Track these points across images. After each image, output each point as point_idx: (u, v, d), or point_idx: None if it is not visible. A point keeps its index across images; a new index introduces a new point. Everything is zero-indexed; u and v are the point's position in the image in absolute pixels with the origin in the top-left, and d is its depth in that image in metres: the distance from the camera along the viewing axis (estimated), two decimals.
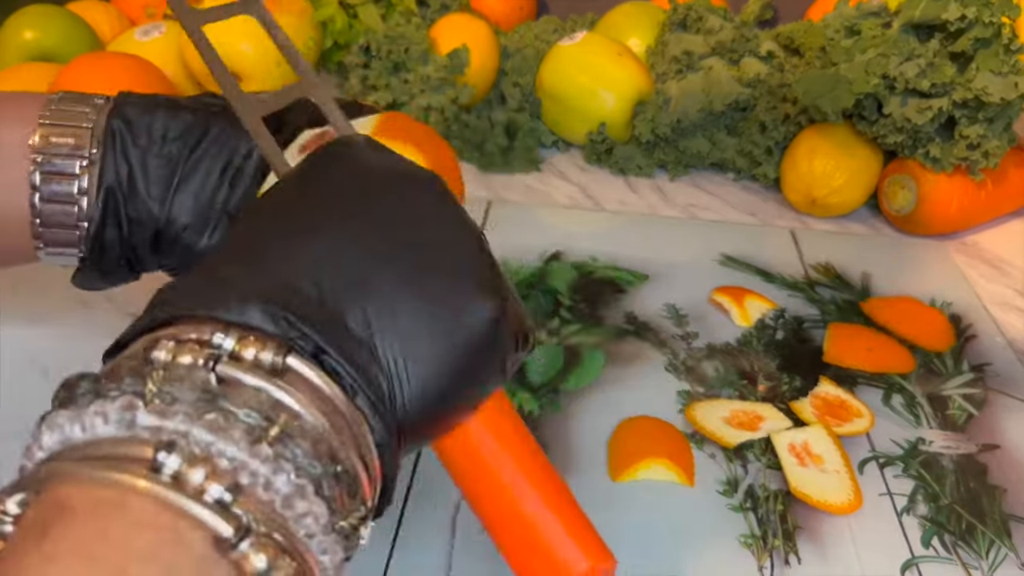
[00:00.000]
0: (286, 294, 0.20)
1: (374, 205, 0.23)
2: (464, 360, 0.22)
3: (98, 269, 0.32)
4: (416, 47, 0.67)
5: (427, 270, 0.22)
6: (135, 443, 0.17)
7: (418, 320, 0.21)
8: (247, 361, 0.19)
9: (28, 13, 0.66)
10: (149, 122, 0.31)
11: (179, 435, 0.17)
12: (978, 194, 0.58)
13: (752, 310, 0.50)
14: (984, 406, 0.44)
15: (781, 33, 0.71)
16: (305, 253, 0.21)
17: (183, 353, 0.19)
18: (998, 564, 0.36)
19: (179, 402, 0.18)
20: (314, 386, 0.20)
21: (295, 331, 0.20)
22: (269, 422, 0.18)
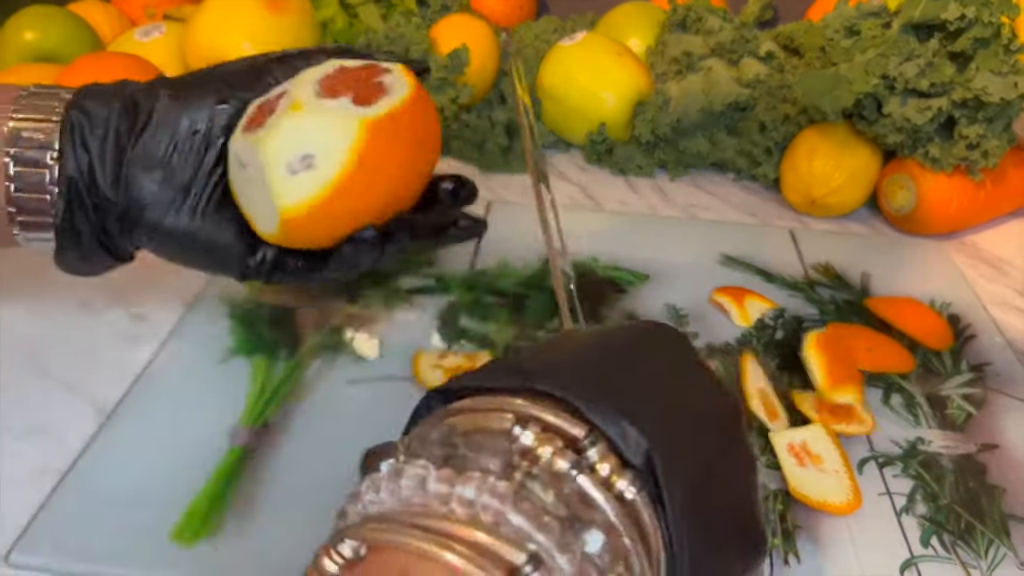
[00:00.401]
0: (643, 425, 0.20)
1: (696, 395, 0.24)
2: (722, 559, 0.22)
3: (77, 253, 0.33)
4: (416, 47, 0.67)
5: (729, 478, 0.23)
6: (503, 541, 0.17)
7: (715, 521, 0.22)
8: (600, 477, 0.19)
9: (29, 14, 0.66)
10: (106, 113, 0.32)
11: (544, 551, 0.17)
12: (977, 194, 0.58)
13: (752, 310, 0.50)
14: (983, 406, 0.44)
15: (781, 33, 0.71)
16: (657, 406, 0.22)
17: (547, 444, 0.19)
18: (997, 564, 0.36)
19: (547, 513, 0.17)
20: (644, 527, 0.20)
21: (647, 466, 0.20)
22: (613, 566, 0.18)
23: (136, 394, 0.41)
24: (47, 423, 0.40)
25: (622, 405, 0.20)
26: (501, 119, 0.67)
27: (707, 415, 0.24)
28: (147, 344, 0.45)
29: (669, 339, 0.26)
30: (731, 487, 0.23)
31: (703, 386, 0.25)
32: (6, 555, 0.33)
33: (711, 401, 0.24)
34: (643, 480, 0.20)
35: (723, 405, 0.24)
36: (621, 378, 0.22)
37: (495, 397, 0.20)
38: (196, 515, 0.35)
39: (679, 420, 0.22)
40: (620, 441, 0.19)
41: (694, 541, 0.20)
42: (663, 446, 0.20)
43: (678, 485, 0.20)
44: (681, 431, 0.22)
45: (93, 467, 0.37)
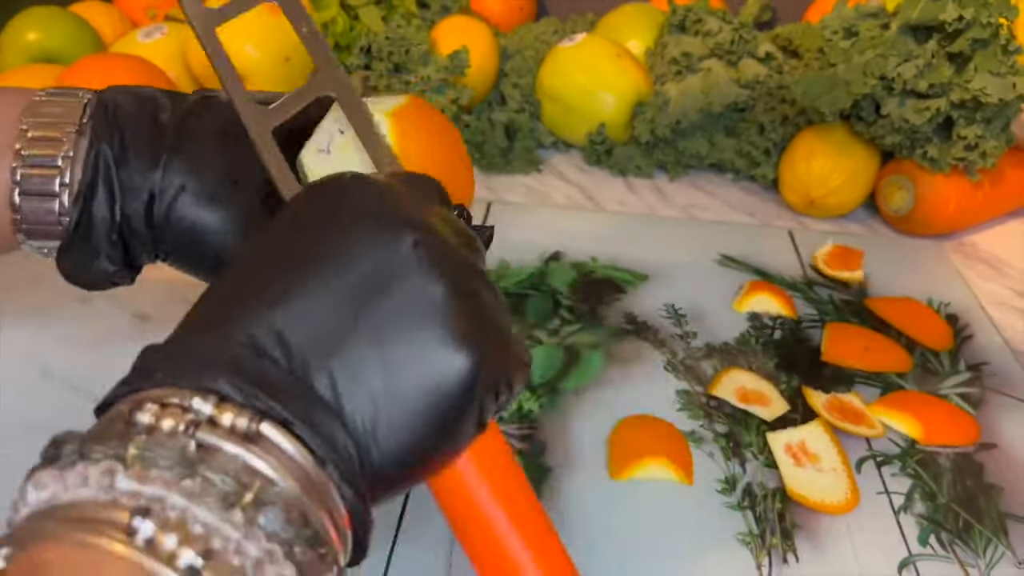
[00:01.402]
0: (254, 364, 0.21)
1: (347, 257, 0.22)
2: (436, 415, 0.22)
3: (87, 246, 0.30)
4: (417, 48, 0.67)
5: (394, 326, 0.22)
6: (114, 507, 0.18)
7: (386, 379, 0.21)
8: (224, 427, 0.20)
9: (31, 15, 0.66)
10: (140, 94, 0.31)
11: (155, 500, 0.18)
12: (975, 194, 0.59)
13: (757, 305, 0.50)
14: (981, 405, 0.44)
15: (779, 35, 0.71)
16: (273, 317, 0.21)
17: (165, 417, 0.20)
18: (995, 562, 0.36)
19: (158, 467, 0.18)
20: (286, 453, 0.20)
21: (260, 403, 0.20)
22: (243, 488, 0.19)
23: None
24: (48, 423, 0.40)
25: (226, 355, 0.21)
26: (501, 120, 0.67)
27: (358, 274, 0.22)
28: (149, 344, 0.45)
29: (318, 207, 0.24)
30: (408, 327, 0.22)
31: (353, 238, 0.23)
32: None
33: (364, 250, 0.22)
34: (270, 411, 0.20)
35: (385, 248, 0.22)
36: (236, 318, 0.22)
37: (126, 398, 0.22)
38: None
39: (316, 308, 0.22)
40: (225, 390, 0.20)
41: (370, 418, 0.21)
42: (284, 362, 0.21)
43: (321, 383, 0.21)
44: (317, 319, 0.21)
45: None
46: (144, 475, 0.18)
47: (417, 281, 0.22)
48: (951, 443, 0.42)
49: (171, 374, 0.21)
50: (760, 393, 0.44)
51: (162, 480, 0.18)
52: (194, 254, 0.31)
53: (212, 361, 0.21)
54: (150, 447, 0.19)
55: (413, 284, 0.22)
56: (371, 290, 0.22)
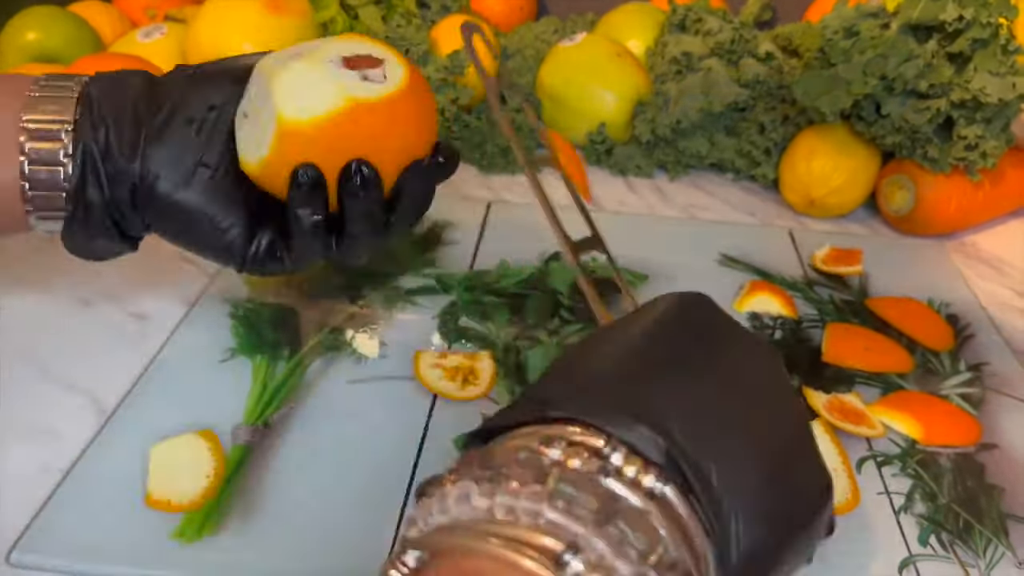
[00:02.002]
0: (663, 426, 0.21)
1: (725, 360, 0.24)
2: (790, 531, 0.23)
3: (85, 230, 0.33)
4: (417, 48, 0.67)
5: (772, 435, 0.23)
6: (540, 534, 0.18)
7: (758, 483, 0.22)
8: (628, 479, 0.20)
9: (31, 14, 0.66)
10: (126, 87, 0.33)
11: (583, 539, 0.18)
12: (976, 194, 0.59)
13: (759, 305, 0.50)
14: (982, 405, 0.44)
15: (780, 34, 0.71)
16: (671, 393, 0.22)
17: (574, 456, 0.20)
18: (995, 563, 0.36)
19: (580, 506, 0.19)
20: (682, 520, 0.20)
21: (672, 464, 0.21)
22: (650, 548, 0.19)
23: (137, 394, 0.41)
24: (48, 423, 0.40)
25: (635, 409, 0.22)
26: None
27: (734, 379, 0.24)
28: (149, 344, 0.45)
29: (687, 309, 0.26)
30: (776, 440, 0.23)
31: (728, 348, 0.25)
32: (7, 554, 0.33)
33: (738, 361, 0.24)
34: (672, 476, 0.21)
35: (754, 360, 0.25)
36: (636, 379, 0.23)
37: (524, 429, 0.22)
38: (197, 514, 0.35)
39: (702, 398, 0.23)
40: (639, 443, 0.21)
41: (740, 511, 0.21)
42: (683, 434, 0.21)
43: (707, 465, 0.21)
44: (704, 409, 0.23)
45: (94, 467, 0.37)
46: (569, 511, 0.19)
47: (783, 393, 0.25)
48: (952, 443, 0.42)
49: (584, 410, 0.21)
50: None
51: (585, 520, 0.18)
52: (177, 227, 0.34)
53: (627, 410, 0.21)
54: (568, 483, 0.19)
55: (780, 395, 0.24)
56: (748, 392, 0.24)
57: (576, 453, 0.20)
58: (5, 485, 0.36)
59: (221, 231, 0.33)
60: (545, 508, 0.19)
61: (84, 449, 0.38)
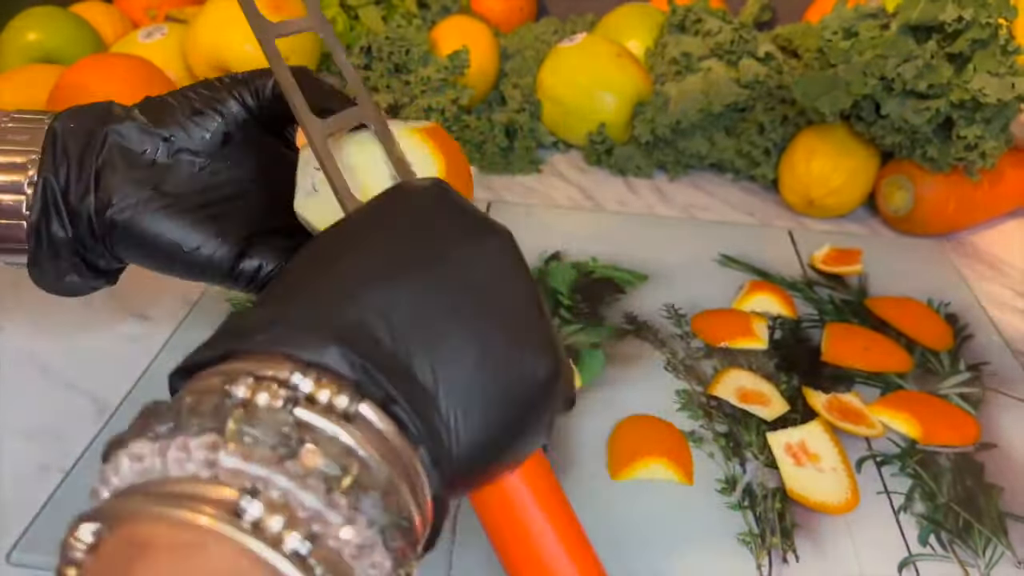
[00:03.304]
0: (361, 338, 0.21)
1: (446, 255, 0.23)
2: (517, 417, 0.23)
3: (55, 268, 0.33)
4: (417, 49, 0.67)
5: (491, 326, 0.23)
6: (217, 485, 0.17)
7: (479, 374, 0.22)
8: (321, 404, 0.19)
9: (32, 15, 0.66)
10: (87, 123, 0.33)
11: (260, 480, 0.17)
12: (975, 194, 0.59)
13: (759, 305, 0.51)
14: (981, 405, 0.45)
15: (779, 35, 0.71)
16: (378, 298, 0.22)
17: (261, 391, 0.19)
18: (995, 562, 0.36)
19: (260, 445, 0.18)
20: (381, 435, 0.20)
21: (369, 377, 0.20)
22: (343, 472, 0.18)
23: (139, 393, 0.41)
24: (49, 423, 0.40)
25: (329, 327, 0.21)
26: (501, 120, 0.67)
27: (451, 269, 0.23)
28: (150, 344, 0.45)
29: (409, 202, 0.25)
30: (499, 325, 0.23)
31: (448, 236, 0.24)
32: (8, 554, 0.33)
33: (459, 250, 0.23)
34: (369, 390, 0.20)
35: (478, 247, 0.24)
36: (335, 290, 0.22)
37: (215, 367, 0.21)
38: None
39: (414, 296, 0.22)
40: (332, 363, 0.20)
41: (460, 412, 0.21)
42: (390, 340, 0.21)
43: (409, 374, 0.21)
44: (417, 308, 0.22)
45: (95, 467, 0.37)
46: (247, 453, 0.18)
47: (509, 284, 0.24)
48: (951, 443, 0.42)
49: (275, 339, 0.20)
50: (760, 393, 0.44)
51: (266, 459, 0.18)
52: (142, 253, 0.33)
53: (319, 331, 0.20)
54: (249, 423, 0.18)
55: (505, 286, 0.24)
56: (467, 287, 0.23)
57: (264, 387, 0.19)
58: (6, 485, 0.36)
59: (190, 253, 0.33)
60: (221, 456, 0.17)
61: (85, 449, 0.38)
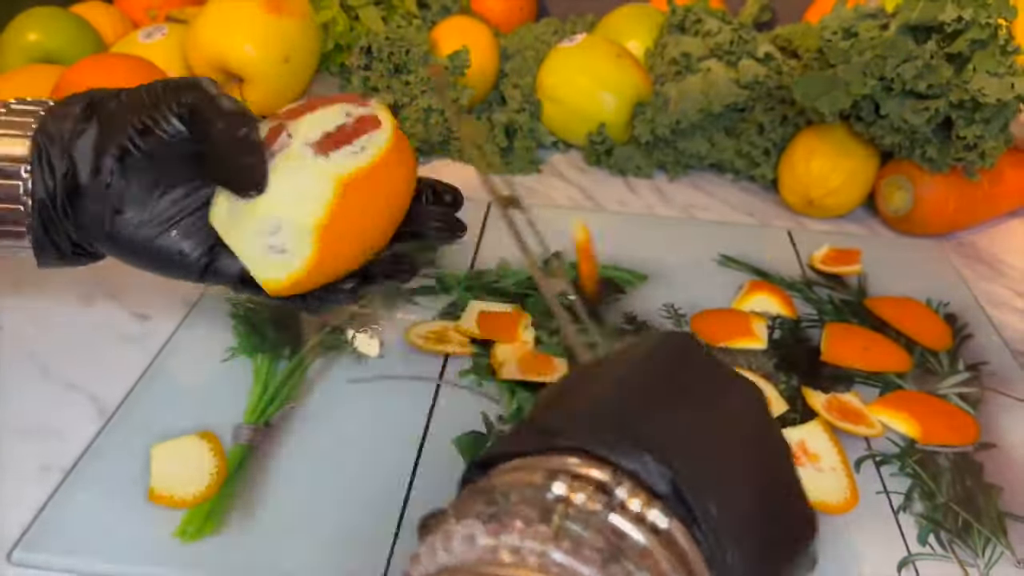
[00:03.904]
0: (665, 455, 0.21)
1: (716, 395, 0.24)
2: (781, 563, 0.23)
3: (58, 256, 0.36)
4: (417, 49, 0.67)
5: (761, 471, 0.24)
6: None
7: (752, 518, 0.22)
8: (632, 513, 0.20)
9: (32, 15, 0.66)
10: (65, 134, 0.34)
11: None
12: (975, 194, 0.59)
13: (758, 304, 0.51)
14: (980, 405, 0.45)
15: (779, 35, 0.71)
16: (671, 424, 0.22)
17: (579, 492, 0.20)
18: (994, 562, 0.36)
19: (586, 546, 0.19)
20: (684, 553, 0.20)
21: (676, 495, 0.21)
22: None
23: (139, 393, 0.41)
24: (50, 422, 0.40)
25: (641, 439, 0.22)
26: (501, 120, 0.67)
27: (729, 417, 0.24)
28: (150, 343, 0.45)
29: (680, 348, 0.26)
30: (767, 476, 0.24)
31: (721, 387, 0.25)
32: (9, 553, 0.33)
33: (731, 400, 0.25)
34: (675, 507, 0.21)
35: (745, 400, 0.25)
36: (639, 410, 0.23)
37: (527, 459, 0.22)
38: (199, 513, 0.35)
39: (702, 433, 0.23)
40: (644, 474, 0.21)
41: (738, 543, 0.22)
42: (687, 466, 0.22)
43: (709, 498, 0.21)
44: (704, 443, 0.23)
45: (95, 466, 0.37)
46: (576, 552, 0.18)
47: (767, 433, 0.25)
48: (950, 443, 0.42)
49: (592, 442, 0.21)
50: None
51: (593, 561, 0.18)
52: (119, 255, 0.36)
53: (632, 440, 0.21)
54: (573, 521, 0.19)
55: (765, 434, 0.25)
56: (744, 435, 0.24)
57: (581, 487, 0.20)
58: (6, 484, 0.36)
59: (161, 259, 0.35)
60: (551, 549, 0.18)
61: (85, 448, 0.38)
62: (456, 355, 0.45)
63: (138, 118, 0.34)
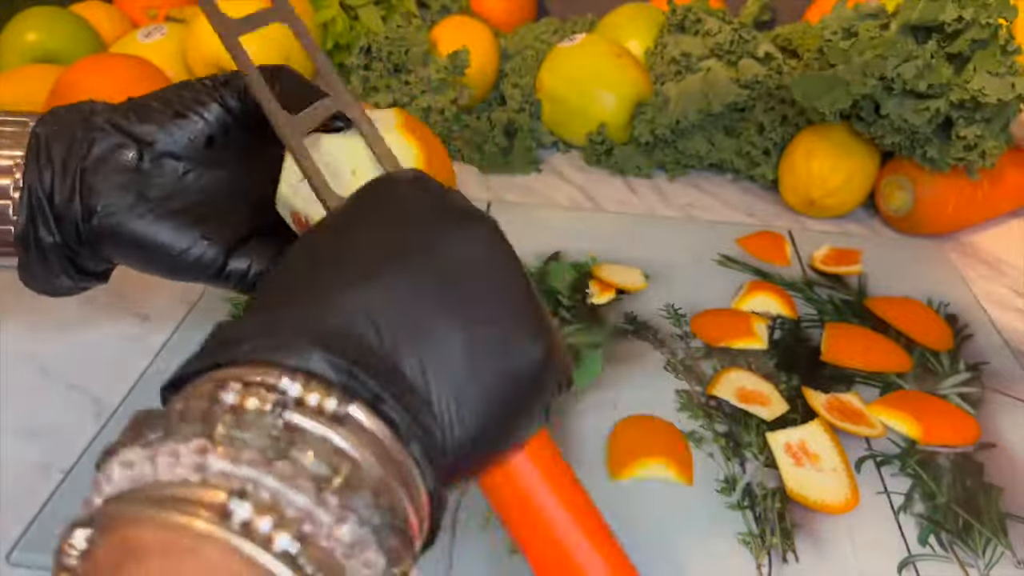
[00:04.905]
0: (346, 340, 0.21)
1: (429, 247, 0.23)
2: (512, 403, 0.23)
3: (45, 271, 0.33)
4: (417, 49, 0.67)
5: (478, 314, 0.23)
6: (207, 488, 0.17)
7: (469, 364, 0.22)
8: (310, 407, 0.20)
9: (31, 15, 0.66)
10: (69, 127, 0.33)
11: (249, 482, 0.18)
12: (975, 194, 0.59)
13: (759, 305, 0.51)
14: (981, 405, 0.45)
15: (779, 35, 0.71)
16: (362, 298, 0.22)
17: (250, 396, 0.19)
18: (994, 562, 0.36)
19: (249, 448, 0.18)
20: (372, 434, 0.20)
21: (355, 380, 0.20)
22: (333, 472, 0.19)
23: (139, 393, 0.41)
24: (50, 423, 0.40)
25: (314, 331, 0.21)
26: (501, 120, 0.67)
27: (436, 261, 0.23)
28: (150, 344, 0.45)
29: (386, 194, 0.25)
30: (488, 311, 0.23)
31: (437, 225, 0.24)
32: (8, 554, 0.33)
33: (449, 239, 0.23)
34: (358, 391, 0.20)
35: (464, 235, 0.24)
36: (318, 293, 0.22)
37: (206, 374, 0.21)
38: None
39: (399, 292, 0.22)
40: (318, 369, 0.20)
41: (452, 399, 0.21)
42: (377, 339, 0.21)
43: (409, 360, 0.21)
44: (402, 304, 0.22)
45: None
46: (236, 455, 0.18)
47: (496, 271, 0.24)
48: (951, 443, 0.42)
49: (260, 348, 0.20)
50: (760, 393, 0.44)
51: (254, 461, 0.18)
52: (129, 256, 0.34)
53: (304, 337, 0.21)
54: (238, 427, 0.18)
55: (492, 274, 0.24)
56: (452, 277, 0.23)
57: (252, 392, 0.19)
58: (5, 485, 0.36)
59: (177, 256, 0.33)
60: (210, 459, 0.18)
61: (85, 449, 0.38)
62: None
63: (175, 104, 0.33)
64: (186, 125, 0.33)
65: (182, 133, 0.33)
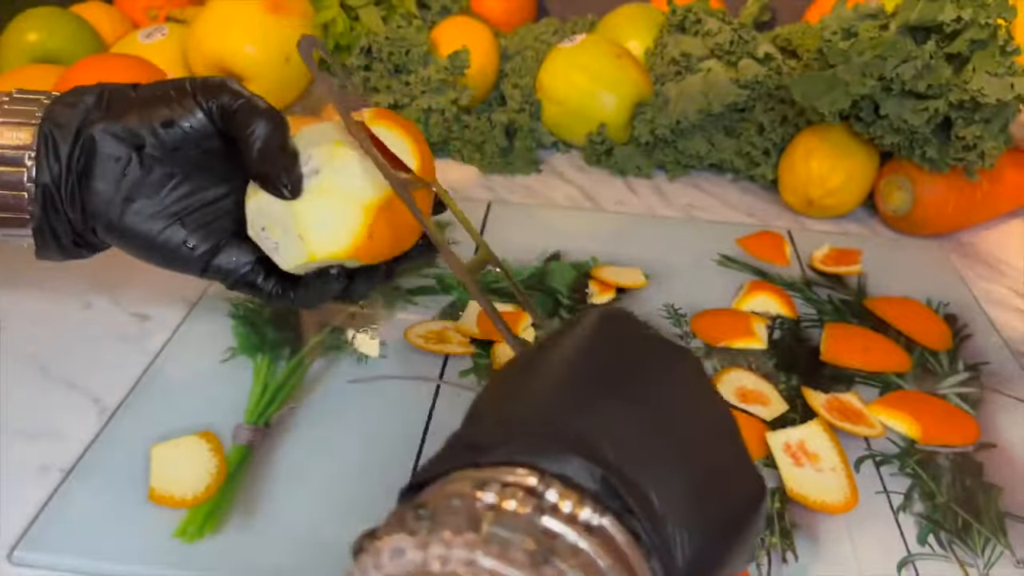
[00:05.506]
0: (596, 451, 0.21)
1: (646, 378, 0.24)
2: (731, 536, 0.23)
3: (57, 247, 0.37)
4: (417, 49, 0.67)
5: (701, 445, 0.24)
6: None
7: (696, 496, 0.22)
8: (564, 514, 0.20)
9: (32, 15, 0.66)
10: (74, 123, 0.35)
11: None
12: (974, 195, 0.59)
13: (759, 304, 0.51)
14: (980, 405, 0.45)
15: (779, 35, 0.71)
16: (601, 414, 0.22)
17: (509, 498, 0.20)
18: (994, 562, 0.36)
19: (515, 549, 0.19)
20: (619, 547, 0.20)
21: (608, 489, 0.21)
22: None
23: (139, 393, 0.41)
24: (50, 422, 0.40)
25: (568, 440, 0.22)
26: (501, 120, 0.67)
27: (665, 396, 0.24)
28: (150, 344, 0.45)
29: (612, 328, 0.26)
30: (707, 445, 0.24)
31: (657, 365, 0.25)
32: (9, 553, 0.33)
33: (667, 377, 0.25)
34: (610, 502, 0.21)
35: (682, 375, 0.25)
36: (567, 408, 0.23)
37: (456, 473, 0.22)
38: (199, 513, 0.35)
39: (634, 420, 0.23)
40: (573, 475, 0.21)
41: (684, 524, 0.22)
42: (619, 459, 0.22)
43: (646, 486, 0.21)
44: (637, 430, 0.23)
45: (95, 466, 0.37)
46: (504, 555, 0.18)
47: (713, 410, 0.25)
48: (950, 443, 0.42)
49: (517, 451, 0.21)
50: (760, 393, 0.44)
51: (523, 564, 0.18)
52: (123, 245, 0.37)
53: (562, 443, 0.21)
54: (503, 527, 0.19)
55: (709, 411, 0.25)
56: (678, 409, 0.24)
57: (511, 494, 0.20)
58: (6, 484, 0.36)
59: (167, 251, 0.36)
60: (479, 555, 0.18)
61: (85, 448, 0.38)
62: (456, 355, 0.45)
63: (163, 110, 0.35)
64: (172, 133, 0.35)
65: (169, 139, 0.35)
